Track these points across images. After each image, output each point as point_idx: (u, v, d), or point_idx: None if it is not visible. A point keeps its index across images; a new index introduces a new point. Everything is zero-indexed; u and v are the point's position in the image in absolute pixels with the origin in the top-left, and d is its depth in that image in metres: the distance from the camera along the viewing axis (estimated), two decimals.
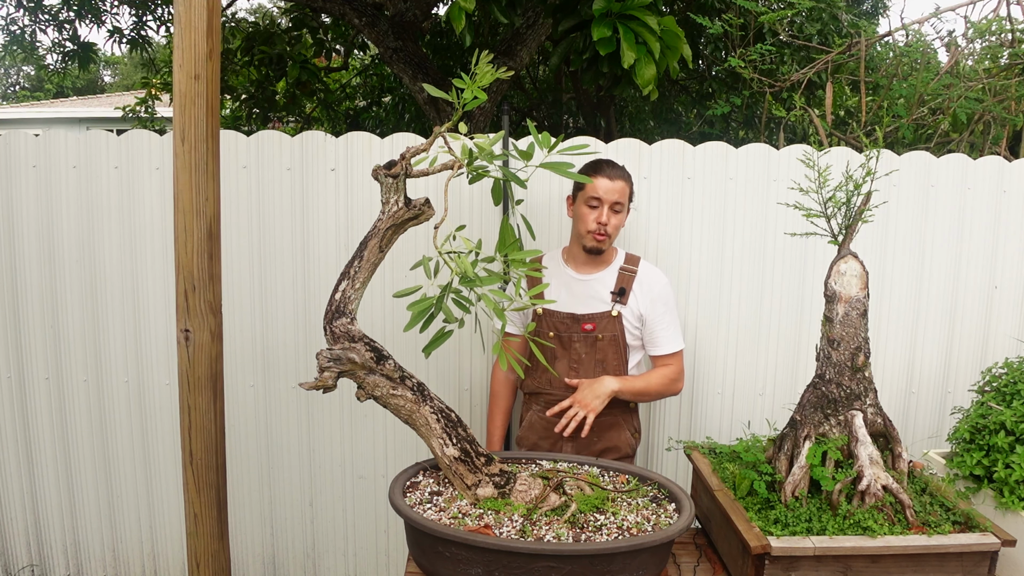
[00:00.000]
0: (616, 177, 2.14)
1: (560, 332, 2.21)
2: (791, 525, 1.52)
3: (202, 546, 1.73)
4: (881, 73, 4.55)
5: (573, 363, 2.22)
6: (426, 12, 4.67)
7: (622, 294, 2.20)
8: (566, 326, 2.21)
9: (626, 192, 2.16)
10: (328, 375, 1.51)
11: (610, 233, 2.15)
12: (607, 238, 2.15)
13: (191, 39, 1.56)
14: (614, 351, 2.21)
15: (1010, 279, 2.69)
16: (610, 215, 2.14)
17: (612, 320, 2.19)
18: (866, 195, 1.68)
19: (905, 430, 2.70)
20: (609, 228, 2.14)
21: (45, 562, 2.73)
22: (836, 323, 1.65)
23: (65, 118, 14.39)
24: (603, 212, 2.13)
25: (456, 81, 1.50)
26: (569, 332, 2.21)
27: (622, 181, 2.15)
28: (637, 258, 2.28)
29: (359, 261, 1.56)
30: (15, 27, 6.07)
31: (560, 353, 2.23)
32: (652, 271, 2.25)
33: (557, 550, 1.39)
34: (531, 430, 2.29)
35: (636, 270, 2.23)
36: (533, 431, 2.29)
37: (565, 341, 2.22)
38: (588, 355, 2.21)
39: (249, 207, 2.53)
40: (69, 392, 2.62)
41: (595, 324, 2.20)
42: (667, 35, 3.14)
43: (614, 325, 2.20)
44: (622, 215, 2.17)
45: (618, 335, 2.21)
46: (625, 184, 2.16)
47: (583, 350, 2.21)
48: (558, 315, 2.22)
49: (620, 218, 2.17)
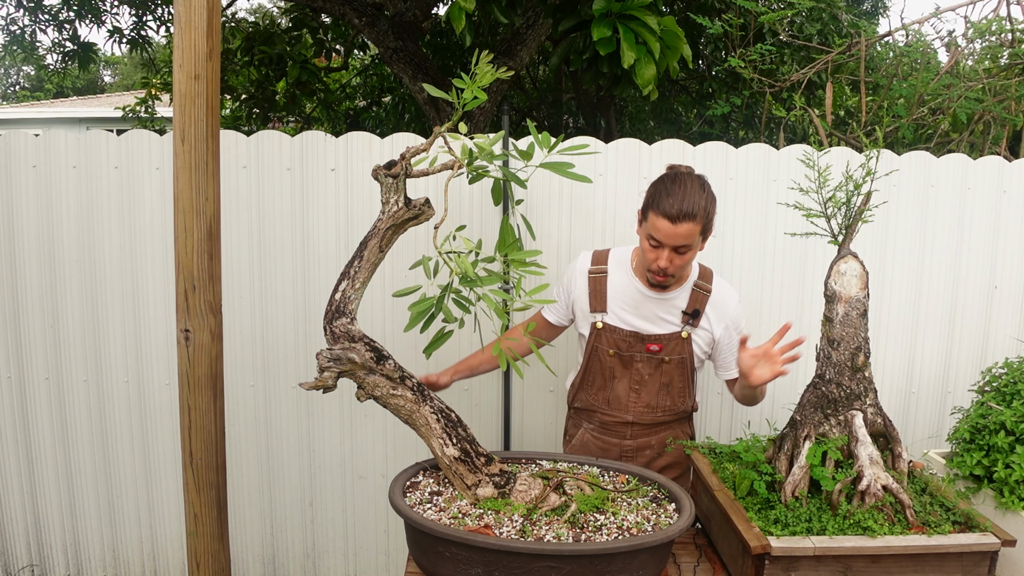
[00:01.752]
0: (682, 220, 1.80)
1: (621, 351, 2.03)
2: (791, 525, 1.52)
3: (202, 546, 1.73)
4: (881, 73, 4.56)
5: (634, 384, 2.04)
6: (426, 12, 4.67)
7: (696, 316, 2.00)
8: (628, 344, 2.02)
9: (694, 233, 1.84)
10: (328, 375, 1.51)
11: (674, 274, 1.92)
12: (671, 278, 1.94)
13: (191, 39, 1.56)
14: (680, 374, 2.04)
15: (1010, 279, 2.69)
16: (673, 256, 1.87)
17: (682, 342, 2.01)
18: (866, 195, 1.68)
19: (905, 430, 2.70)
20: (672, 270, 1.90)
21: (45, 562, 2.73)
22: (836, 323, 1.65)
23: (65, 118, 14.39)
24: (663, 255, 1.87)
25: (456, 81, 1.50)
26: (631, 351, 2.02)
27: (689, 224, 1.81)
28: (710, 273, 2.06)
29: (359, 261, 1.56)
30: (15, 27, 6.07)
31: (620, 372, 2.05)
32: (725, 291, 2.05)
33: (557, 550, 1.39)
34: (584, 450, 2.14)
35: (711, 288, 2.03)
36: (587, 451, 2.13)
37: (626, 360, 2.04)
38: (652, 377, 2.03)
39: (249, 207, 2.53)
40: (69, 392, 2.62)
41: (662, 345, 2.01)
42: (667, 35, 3.14)
43: (683, 347, 2.01)
44: (691, 253, 1.90)
45: (687, 358, 2.02)
46: (694, 225, 1.82)
47: (646, 371, 2.03)
48: (620, 332, 2.02)
49: (688, 256, 1.90)
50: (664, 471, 2.08)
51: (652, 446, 2.08)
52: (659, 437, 2.08)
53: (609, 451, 2.10)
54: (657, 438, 2.09)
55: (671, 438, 2.08)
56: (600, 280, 2.05)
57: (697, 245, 1.90)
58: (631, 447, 2.09)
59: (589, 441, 2.14)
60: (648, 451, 2.10)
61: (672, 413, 2.07)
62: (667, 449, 2.07)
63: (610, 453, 2.10)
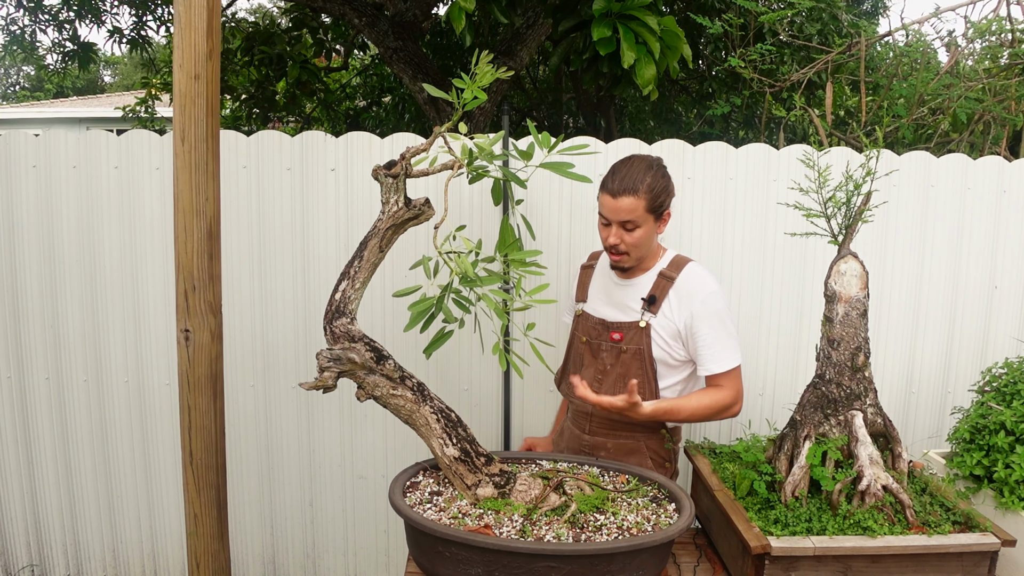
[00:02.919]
0: (622, 195, 1.85)
1: (591, 338, 2.03)
2: (791, 525, 1.52)
3: (202, 546, 1.73)
4: (881, 73, 4.56)
5: (599, 373, 2.01)
6: (426, 12, 4.67)
7: (652, 302, 1.94)
8: (597, 332, 2.02)
9: (637, 208, 1.85)
10: (328, 375, 1.51)
11: (628, 251, 1.92)
12: (625, 256, 1.93)
13: (191, 39, 1.56)
14: (638, 366, 1.95)
15: (1010, 279, 2.69)
16: (621, 233, 1.89)
17: (639, 332, 1.94)
18: (866, 195, 1.68)
19: (905, 430, 2.70)
20: (624, 247, 1.91)
21: (45, 562, 2.73)
22: (836, 323, 1.65)
23: (65, 118, 14.40)
24: (612, 232, 1.91)
25: (456, 81, 1.50)
26: (599, 339, 2.01)
27: (630, 198, 1.84)
28: (684, 262, 1.98)
29: (359, 261, 1.56)
30: (15, 27, 6.07)
31: (589, 360, 2.04)
32: (695, 279, 1.94)
33: (557, 550, 1.39)
34: (560, 437, 2.18)
35: (675, 277, 1.95)
36: (562, 438, 2.16)
37: (595, 348, 2.02)
38: (612, 367, 1.98)
39: (249, 207, 2.53)
40: (69, 392, 2.62)
41: (623, 334, 1.97)
42: (667, 35, 3.14)
43: (641, 337, 1.94)
44: (641, 231, 1.89)
45: (644, 348, 1.94)
46: (635, 200, 1.84)
47: (608, 360, 2.00)
48: (591, 319, 2.03)
49: (639, 234, 1.89)
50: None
51: (608, 449, 2.01)
52: (617, 442, 2.00)
53: (572, 442, 2.09)
54: (615, 442, 2.00)
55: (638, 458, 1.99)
56: (588, 272, 2.13)
57: (646, 223, 1.89)
58: (588, 443, 2.05)
59: (566, 428, 2.16)
60: (603, 453, 2.02)
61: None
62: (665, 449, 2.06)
63: (572, 445, 2.09)
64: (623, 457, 2.01)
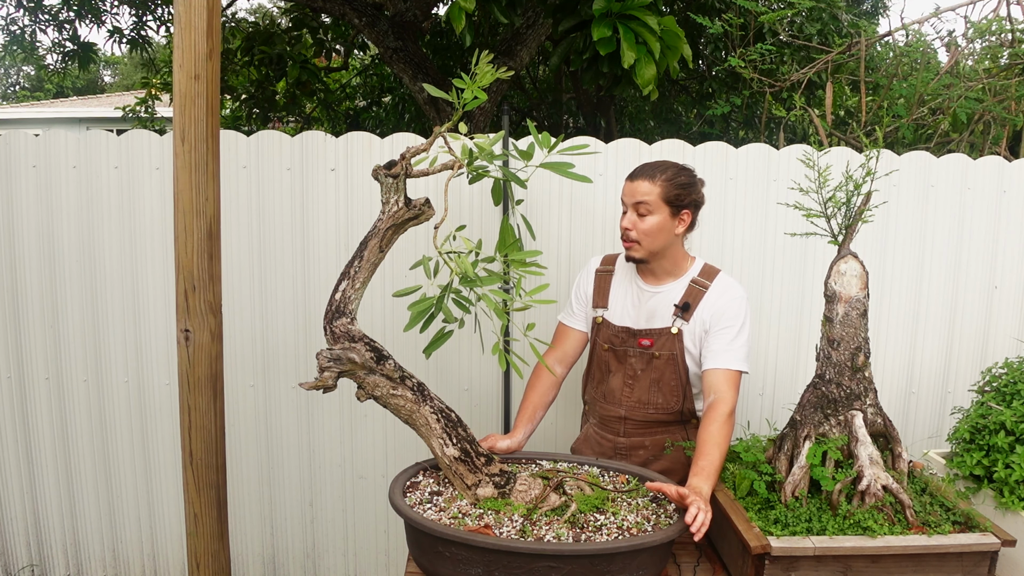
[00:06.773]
0: (638, 177, 1.90)
1: (615, 346, 2.04)
2: (791, 525, 1.52)
3: (202, 546, 1.73)
4: (881, 73, 4.56)
5: (628, 379, 2.03)
6: (426, 12, 4.68)
7: (686, 309, 1.96)
8: (620, 340, 2.03)
9: (652, 193, 1.88)
10: (328, 375, 1.51)
11: (638, 239, 1.92)
12: (636, 245, 1.93)
13: (191, 39, 1.56)
14: (672, 371, 1.99)
15: (1010, 279, 2.69)
16: (635, 219, 1.91)
17: (672, 338, 1.97)
18: (866, 195, 1.68)
19: (905, 430, 2.70)
20: (634, 234, 1.91)
21: (45, 562, 2.73)
22: (836, 323, 1.65)
23: (65, 118, 14.40)
24: (626, 216, 1.93)
25: (456, 81, 1.50)
26: (624, 346, 2.02)
27: (646, 182, 1.88)
28: (716, 272, 2.01)
29: (359, 261, 1.56)
30: (15, 27, 6.07)
31: (615, 367, 2.05)
32: (725, 286, 1.97)
33: (557, 550, 1.39)
34: (586, 443, 2.15)
35: (709, 284, 1.97)
36: (588, 445, 2.14)
37: (620, 355, 2.04)
38: (644, 372, 2.02)
39: (249, 207, 2.53)
40: (69, 392, 2.62)
41: (653, 340, 1.99)
42: (667, 35, 3.15)
43: (673, 343, 1.97)
44: (655, 220, 1.89)
45: (677, 354, 1.98)
46: (651, 185, 1.88)
47: (638, 366, 2.02)
48: (612, 327, 2.04)
49: (652, 222, 1.89)
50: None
51: (646, 447, 2.06)
52: (653, 439, 2.05)
53: (604, 447, 2.09)
54: (651, 440, 2.05)
55: (669, 440, 2.06)
56: (605, 278, 2.10)
57: (659, 212, 1.89)
58: (624, 445, 2.08)
59: (592, 435, 2.15)
60: (642, 451, 2.06)
61: (665, 412, 2.04)
62: (666, 451, 2.06)
63: (605, 449, 2.09)
64: (661, 452, 2.05)
